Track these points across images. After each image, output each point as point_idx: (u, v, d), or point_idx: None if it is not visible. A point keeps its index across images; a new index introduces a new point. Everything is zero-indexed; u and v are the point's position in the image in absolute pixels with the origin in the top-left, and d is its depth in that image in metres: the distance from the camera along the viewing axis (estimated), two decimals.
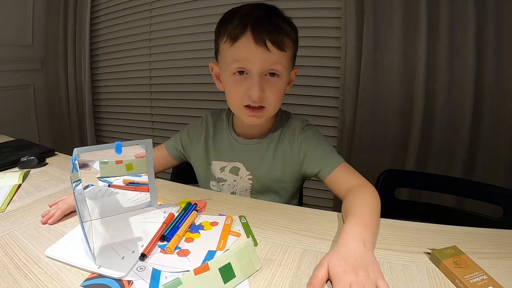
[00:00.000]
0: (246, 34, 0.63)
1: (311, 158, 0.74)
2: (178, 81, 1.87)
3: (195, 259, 0.49)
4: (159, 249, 0.51)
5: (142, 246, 0.51)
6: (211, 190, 0.82)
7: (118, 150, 0.53)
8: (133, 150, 0.61)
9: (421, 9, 1.20)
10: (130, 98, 2.07)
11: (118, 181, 0.77)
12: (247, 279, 0.44)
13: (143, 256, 0.48)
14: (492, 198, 0.78)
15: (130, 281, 0.44)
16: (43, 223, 0.59)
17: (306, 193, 1.08)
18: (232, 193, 0.81)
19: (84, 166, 0.85)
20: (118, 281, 0.44)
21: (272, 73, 0.66)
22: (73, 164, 0.47)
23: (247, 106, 0.68)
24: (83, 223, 0.48)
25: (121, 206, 0.66)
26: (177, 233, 0.54)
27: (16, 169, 0.90)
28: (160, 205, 0.66)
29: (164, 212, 0.63)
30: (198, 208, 0.64)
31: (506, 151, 1.20)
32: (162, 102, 1.96)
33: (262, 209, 0.66)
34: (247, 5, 0.68)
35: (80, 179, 0.48)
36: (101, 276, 0.45)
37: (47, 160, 0.96)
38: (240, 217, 0.61)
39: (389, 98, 1.32)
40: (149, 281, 0.44)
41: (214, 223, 0.59)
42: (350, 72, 1.36)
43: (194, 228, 0.58)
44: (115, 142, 0.53)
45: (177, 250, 0.51)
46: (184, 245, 0.53)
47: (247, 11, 0.65)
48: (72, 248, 0.51)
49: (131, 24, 1.93)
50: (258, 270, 0.46)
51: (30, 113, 2.26)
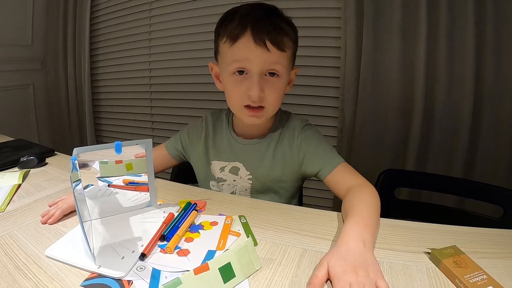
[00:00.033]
0: (246, 34, 0.63)
1: (311, 157, 0.74)
2: (178, 81, 1.86)
3: (195, 259, 0.49)
4: (159, 249, 0.51)
5: (142, 246, 0.51)
6: (211, 190, 0.82)
7: (118, 150, 0.53)
8: (133, 150, 0.60)
9: (421, 9, 1.19)
10: (130, 98, 2.07)
11: (118, 181, 0.77)
12: (247, 279, 0.44)
13: (143, 256, 0.48)
14: (492, 198, 0.78)
15: (130, 281, 0.44)
16: (43, 223, 0.59)
17: (306, 193, 1.08)
18: (232, 193, 0.81)
19: (84, 166, 0.84)
20: (118, 281, 0.44)
21: (272, 73, 0.66)
22: (73, 164, 0.47)
23: (247, 106, 0.68)
24: (83, 223, 0.48)
25: (121, 206, 0.66)
26: (177, 233, 0.54)
27: (16, 169, 0.90)
28: (160, 205, 0.66)
29: (164, 212, 0.63)
30: (198, 208, 0.64)
31: (506, 151, 1.20)
32: (162, 102, 1.95)
33: (262, 209, 0.66)
34: (247, 5, 0.68)
35: (80, 179, 0.48)
36: (101, 276, 0.45)
37: (47, 160, 0.96)
38: (240, 217, 0.61)
39: (389, 98, 1.32)
40: (149, 281, 0.44)
41: (214, 223, 0.59)
42: (350, 72, 1.36)
43: (194, 228, 0.58)
44: (115, 142, 0.53)
45: (177, 250, 0.51)
46: (184, 245, 0.53)
47: (247, 11, 0.65)
48: (72, 248, 0.51)
49: (131, 24, 1.93)
50: (258, 270, 0.46)
51: (30, 113, 2.26)
